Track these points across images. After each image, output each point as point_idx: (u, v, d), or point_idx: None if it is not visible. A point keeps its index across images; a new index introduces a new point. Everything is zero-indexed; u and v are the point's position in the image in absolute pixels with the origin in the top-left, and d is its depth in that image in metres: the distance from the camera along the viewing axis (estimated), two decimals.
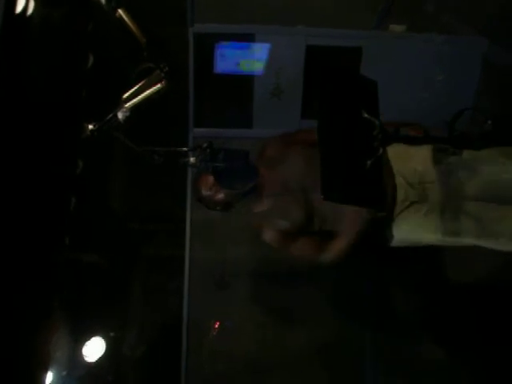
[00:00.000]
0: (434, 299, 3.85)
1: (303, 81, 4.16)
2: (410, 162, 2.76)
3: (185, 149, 2.60)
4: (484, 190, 2.67)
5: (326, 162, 2.09)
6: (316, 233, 2.77)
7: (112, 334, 3.87)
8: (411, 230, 2.72)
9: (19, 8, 2.65)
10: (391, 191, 2.70)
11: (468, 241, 2.66)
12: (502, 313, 3.62)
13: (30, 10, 2.76)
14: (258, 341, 4.09)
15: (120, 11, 2.43)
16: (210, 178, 2.75)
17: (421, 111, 3.98)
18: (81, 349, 3.64)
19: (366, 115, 2.19)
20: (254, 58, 4.12)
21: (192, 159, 2.55)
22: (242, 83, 4.19)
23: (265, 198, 2.77)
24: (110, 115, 2.46)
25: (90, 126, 2.47)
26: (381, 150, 2.15)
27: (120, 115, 2.46)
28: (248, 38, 4.07)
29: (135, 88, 2.45)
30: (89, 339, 3.67)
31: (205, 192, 2.81)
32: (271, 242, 2.78)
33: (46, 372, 3.44)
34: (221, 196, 2.80)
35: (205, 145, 2.55)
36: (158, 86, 2.43)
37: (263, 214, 2.77)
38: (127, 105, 2.45)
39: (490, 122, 2.27)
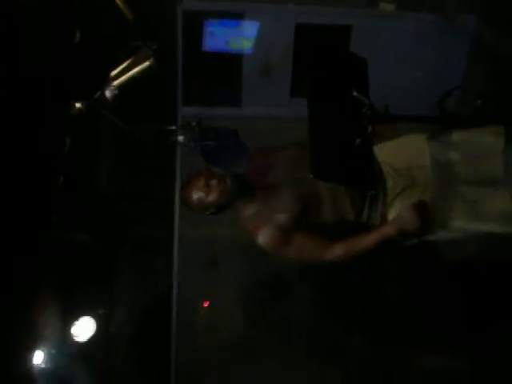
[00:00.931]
0: (428, 286, 3.87)
1: (293, 59, 4.15)
2: (396, 151, 2.76)
3: (173, 127, 2.58)
4: (475, 171, 2.67)
5: (315, 140, 2.09)
6: (313, 228, 2.69)
7: (102, 314, 3.87)
8: None
9: None
10: (381, 180, 2.70)
11: (458, 224, 2.67)
12: (496, 299, 3.65)
13: None
14: (248, 321, 4.11)
15: None
16: (201, 180, 2.65)
17: (410, 90, 3.99)
18: (70, 328, 3.65)
19: (355, 93, 2.18)
20: (243, 36, 4.10)
21: (181, 137, 2.54)
22: (232, 61, 4.17)
23: (257, 196, 2.69)
24: (98, 93, 2.44)
25: (78, 105, 2.45)
26: (370, 128, 2.15)
27: (108, 93, 2.44)
28: (238, 16, 4.05)
29: (123, 66, 2.43)
30: (78, 319, 3.67)
31: (196, 195, 2.65)
32: (270, 242, 2.64)
33: (34, 352, 3.44)
34: (213, 196, 2.65)
35: (194, 123, 2.54)
36: (147, 63, 2.41)
37: (257, 214, 2.68)
38: (115, 83, 2.43)
39: (479, 101, 2.26)
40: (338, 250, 2.64)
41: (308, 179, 2.05)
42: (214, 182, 2.64)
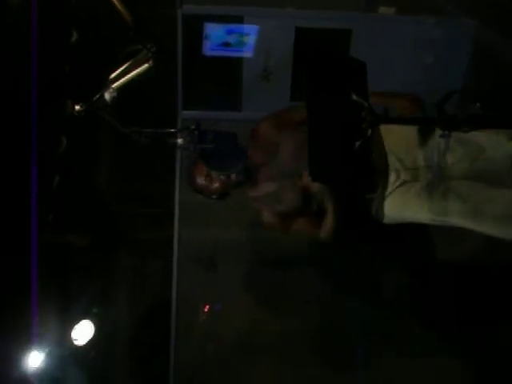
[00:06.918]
0: (424, 277, 3.88)
1: (292, 63, 4.14)
2: (401, 140, 2.76)
3: (173, 130, 2.59)
4: (473, 170, 2.69)
5: (314, 143, 2.09)
6: (315, 212, 2.79)
7: (101, 317, 3.86)
8: (402, 209, 2.74)
9: None
10: (383, 171, 2.72)
11: (455, 221, 2.68)
12: (489, 291, 3.65)
13: None
14: (248, 323, 4.11)
15: None
16: (204, 168, 2.76)
17: (410, 93, 3.98)
18: (70, 332, 3.64)
19: (354, 97, 2.18)
20: (242, 40, 4.09)
21: (180, 140, 2.55)
22: (231, 65, 4.16)
23: (260, 184, 2.78)
24: (97, 96, 2.44)
25: (77, 107, 2.45)
26: (369, 132, 2.15)
27: (107, 96, 2.44)
28: (237, 20, 4.04)
29: (122, 68, 2.44)
30: (78, 322, 3.66)
31: (200, 182, 2.80)
32: (269, 224, 2.82)
33: (33, 355, 3.42)
34: (216, 185, 2.80)
35: (193, 126, 2.55)
36: (146, 66, 2.42)
37: (260, 199, 2.79)
38: (114, 85, 2.44)
39: (478, 104, 2.26)
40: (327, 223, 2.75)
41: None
42: (215, 173, 2.77)
